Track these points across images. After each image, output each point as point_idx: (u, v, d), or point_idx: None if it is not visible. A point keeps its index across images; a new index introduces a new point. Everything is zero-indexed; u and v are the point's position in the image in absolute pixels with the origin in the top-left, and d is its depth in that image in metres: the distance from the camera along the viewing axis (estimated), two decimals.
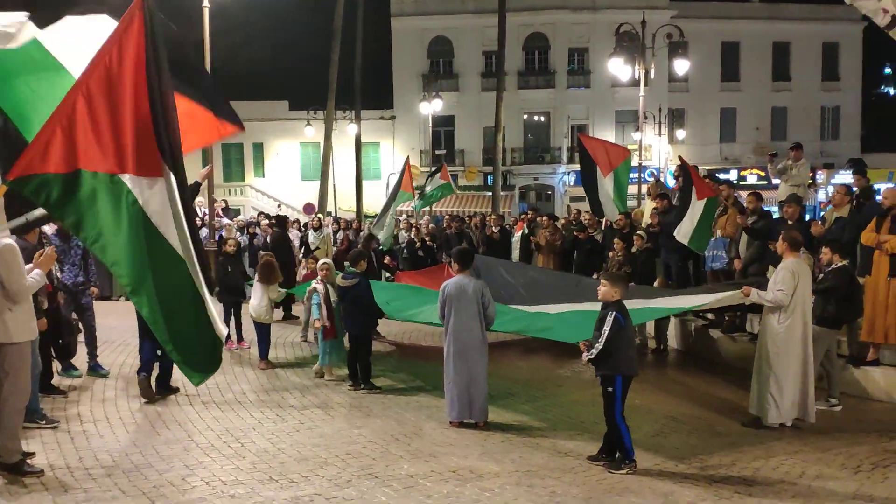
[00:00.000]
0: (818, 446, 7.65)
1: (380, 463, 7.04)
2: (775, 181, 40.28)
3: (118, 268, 5.87)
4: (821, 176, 36.34)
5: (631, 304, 7.43)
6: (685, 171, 12.79)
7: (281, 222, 16.84)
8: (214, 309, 6.36)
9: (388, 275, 16.09)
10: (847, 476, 6.81)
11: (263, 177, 45.55)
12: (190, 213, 6.33)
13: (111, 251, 5.80)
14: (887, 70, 65.61)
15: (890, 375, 9.37)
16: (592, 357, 6.97)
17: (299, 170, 45.26)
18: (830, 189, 34.41)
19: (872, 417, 8.74)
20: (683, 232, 12.62)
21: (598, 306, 7.31)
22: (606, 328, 6.88)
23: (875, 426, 8.36)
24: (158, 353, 8.96)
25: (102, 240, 5.75)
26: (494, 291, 8.72)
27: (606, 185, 13.88)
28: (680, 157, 14.20)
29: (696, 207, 12.48)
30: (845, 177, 40.57)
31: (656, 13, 32.67)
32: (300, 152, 45.37)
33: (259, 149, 45.17)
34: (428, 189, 20.70)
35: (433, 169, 25.63)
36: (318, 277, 10.46)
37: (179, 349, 6.01)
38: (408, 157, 21.82)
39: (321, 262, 10.88)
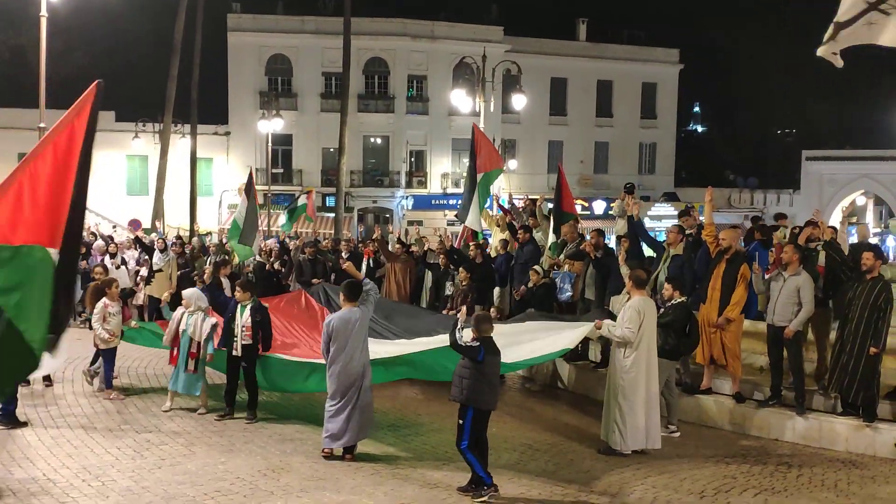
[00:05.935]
0: (665, 472, 8.24)
1: (250, 501, 6.96)
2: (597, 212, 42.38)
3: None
4: None
5: (505, 355, 7.77)
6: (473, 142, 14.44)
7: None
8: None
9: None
10: (694, 501, 7.40)
11: None
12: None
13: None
14: (696, 109, 71.15)
15: (721, 403, 10.21)
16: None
17: (125, 184, 43.26)
18: (647, 220, 36.79)
19: (708, 443, 9.46)
20: (470, 219, 14.21)
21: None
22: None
23: (711, 451, 9.08)
24: None
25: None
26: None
27: (477, 184, 14.32)
28: (474, 125, 15.21)
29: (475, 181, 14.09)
30: (661, 209, 43.63)
31: (492, 46, 33.80)
32: (126, 166, 43.37)
33: None
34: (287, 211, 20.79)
35: (303, 191, 25.40)
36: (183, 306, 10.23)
37: None
38: (251, 172, 21.27)
39: (186, 293, 10.50)
